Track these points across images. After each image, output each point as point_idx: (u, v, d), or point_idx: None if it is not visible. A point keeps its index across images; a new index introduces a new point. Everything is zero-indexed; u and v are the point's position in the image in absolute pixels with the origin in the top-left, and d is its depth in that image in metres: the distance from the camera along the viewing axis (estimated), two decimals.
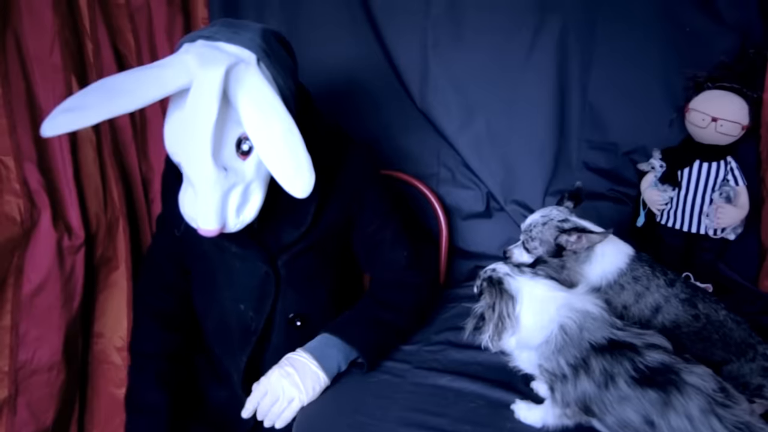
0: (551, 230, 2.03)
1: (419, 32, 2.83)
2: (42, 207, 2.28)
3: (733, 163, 2.55)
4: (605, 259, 2.03)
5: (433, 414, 1.89)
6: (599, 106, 2.83)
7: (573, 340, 1.68)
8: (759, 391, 1.94)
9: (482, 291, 1.74)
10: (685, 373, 1.58)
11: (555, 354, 1.69)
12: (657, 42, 2.72)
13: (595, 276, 2.04)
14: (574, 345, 1.68)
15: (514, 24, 2.76)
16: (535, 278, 1.78)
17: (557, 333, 1.69)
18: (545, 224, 2.04)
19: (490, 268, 1.78)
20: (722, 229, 2.59)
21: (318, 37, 2.88)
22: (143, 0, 2.66)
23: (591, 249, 2.01)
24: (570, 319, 1.70)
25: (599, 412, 1.66)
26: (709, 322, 2.01)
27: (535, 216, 2.09)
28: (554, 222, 2.04)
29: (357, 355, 2.08)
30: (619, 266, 2.03)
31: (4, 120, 2.21)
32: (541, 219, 2.06)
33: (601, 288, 2.03)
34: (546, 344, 1.70)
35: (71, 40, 2.39)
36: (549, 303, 1.74)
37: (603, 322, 1.72)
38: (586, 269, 2.04)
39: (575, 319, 1.70)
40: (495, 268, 1.78)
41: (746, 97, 2.50)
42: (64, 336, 2.39)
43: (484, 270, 1.79)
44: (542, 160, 2.87)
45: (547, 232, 2.03)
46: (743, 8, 2.60)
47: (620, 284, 2.03)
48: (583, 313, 1.72)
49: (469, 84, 2.85)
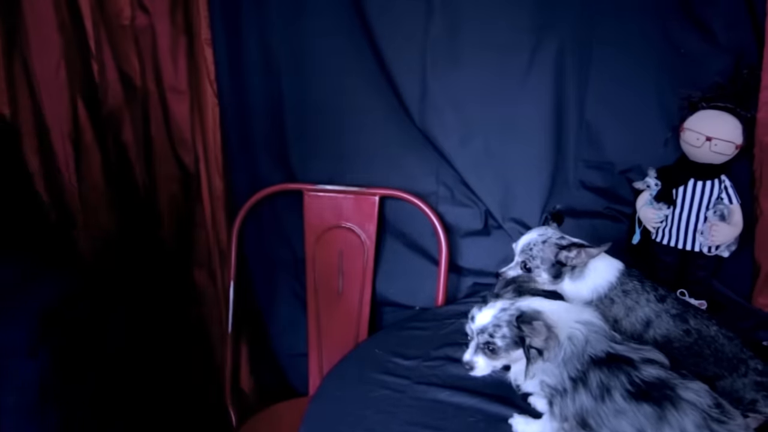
0: (551, 248, 2.04)
1: (418, 52, 2.84)
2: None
3: (727, 181, 2.55)
4: (596, 274, 2.05)
5: (432, 428, 1.90)
6: (595, 126, 2.84)
7: (577, 352, 1.69)
8: (753, 406, 1.94)
9: (520, 333, 1.71)
10: (681, 389, 1.58)
11: (560, 366, 1.70)
12: (652, 62, 2.73)
13: (587, 290, 2.05)
14: (578, 357, 1.69)
15: (511, 45, 2.77)
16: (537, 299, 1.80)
17: (567, 344, 1.70)
18: (545, 242, 2.05)
19: (522, 309, 1.73)
20: (716, 246, 2.59)
21: (319, 57, 2.90)
22: (147, 22, 2.68)
23: (584, 264, 2.03)
24: (578, 330, 1.71)
25: (596, 425, 1.67)
26: (700, 338, 2.02)
27: (532, 235, 2.09)
28: (553, 240, 2.05)
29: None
30: (610, 280, 2.05)
31: None
32: (539, 238, 2.07)
33: (592, 302, 2.04)
34: (554, 357, 1.71)
35: (77, 61, 2.41)
36: (564, 315, 1.75)
37: (604, 335, 1.73)
38: (579, 284, 2.06)
39: (582, 330, 1.71)
40: (526, 308, 1.74)
41: (740, 117, 2.51)
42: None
43: (510, 310, 1.72)
44: (539, 178, 2.88)
45: (548, 249, 2.04)
46: (737, 30, 2.61)
47: (611, 298, 2.05)
48: (588, 324, 1.73)
49: (468, 103, 2.85)
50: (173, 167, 2.87)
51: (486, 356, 1.73)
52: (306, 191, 2.94)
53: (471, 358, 1.75)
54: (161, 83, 2.77)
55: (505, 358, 1.74)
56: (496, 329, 1.70)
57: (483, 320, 1.73)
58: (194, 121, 2.85)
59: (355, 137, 2.95)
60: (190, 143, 2.86)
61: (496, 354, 1.72)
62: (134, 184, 2.74)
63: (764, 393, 1.97)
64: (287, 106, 2.96)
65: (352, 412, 2.00)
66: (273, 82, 2.94)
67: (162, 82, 2.77)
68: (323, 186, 2.94)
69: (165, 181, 2.88)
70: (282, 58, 2.91)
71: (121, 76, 2.61)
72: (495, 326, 1.70)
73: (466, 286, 2.99)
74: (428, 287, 2.98)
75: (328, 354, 3.00)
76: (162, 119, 2.81)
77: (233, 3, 2.85)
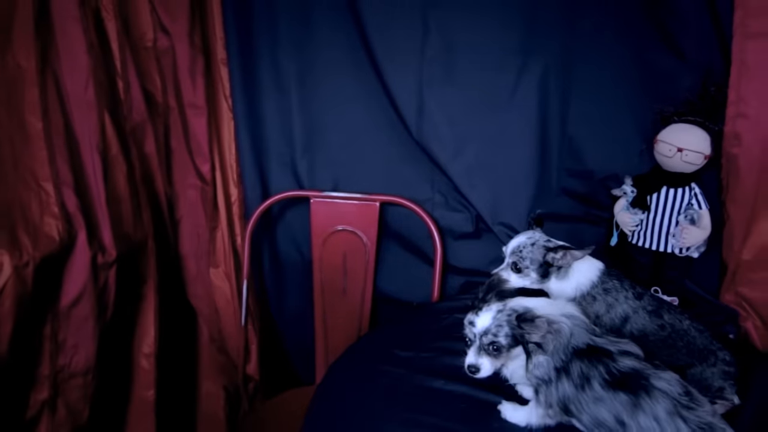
0: (540, 250, 2.05)
1: (416, 71, 2.84)
2: (78, 228, 2.29)
3: (697, 188, 2.56)
4: (580, 273, 2.07)
5: (428, 413, 1.91)
6: (576, 139, 2.84)
7: (563, 344, 1.70)
8: (720, 393, 1.95)
9: (520, 331, 1.71)
10: (654, 378, 1.59)
11: (548, 358, 1.71)
12: (628, 81, 2.73)
13: (571, 289, 2.07)
14: (563, 349, 1.70)
15: (500, 65, 2.78)
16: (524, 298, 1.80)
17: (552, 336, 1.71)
18: (533, 245, 2.06)
19: (516, 308, 1.74)
20: (687, 248, 2.59)
21: (324, 76, 2.91)
22: (168, 43, 2.68)
23: (569, 265, 2.05)
24: (564, 323, 1.72)
25: (576, 411, 1.68)
26: (674, 331, 2.03)
27: (521, 239, 2.10)
28: (541, 242, 2.07)
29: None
30: (592, 279, 2.07)
31: (45, 151, 2.22)
32: (528, 241, 2.08)
33: (576, 299, 2.06)
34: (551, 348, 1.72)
35: (104, 79, 2.41)
36: (549, 310, 1.76)
37: (585, 328, 1.73)
38: (564, 283, 2.08)
39: (567, 323, 1.72)
40: (518, 306, 1.74)
41: (708, 130, 2.51)
42: (97, 344, 2.40)
43: (507, 311, 1.73)
44: (526, 186, 2.88)
45: (537, 251, 2.05)
46: (706, 50, 2.61)
47: (592, 295, 2.07)
48: (572, 318, 1.74)
49: (461, 118, 2.86)
50: (192, 176, 2.88)
51: (490, 356, 1.73)
52: (312, 198, 2.95)
53: (476, 360, 1.74)
54: (181, 100, 2.78)
55: (505, 356, 1.74)
56: (499, 329, 1.70)
57: (484, 323, 1.73)
58: (211, 134, 2.86)
59: (357, 148, 2.95)
60: (208, 154, 2.87)
61: (499, 353, 1.72)
62: (156, 192, 2.74)
63: (731, 382, 1.98)
64: (295, 120, 2.97)
65: (354, 399, 2.00)
66: (283, 99, 2.95)
67: (182, 98, 2.78)
68: (328, 193, 2.95)
69: (184, 188, 2.88)
70: (291, 77, 2.92)
71: (145, 93, 2.61)
72: (497, 326, 1.71)
73: (459, 284, 2.99)
74: (424, 285, 2.99)
75: (332, 346, 3.00)
76: (182, 132, 2.82)
77: (247, 26, 2.86)
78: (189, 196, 2.90)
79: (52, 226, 2.21)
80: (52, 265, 2.21)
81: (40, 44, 2.22)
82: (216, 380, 3.10)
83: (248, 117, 2.95)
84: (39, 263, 2.13)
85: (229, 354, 3.12)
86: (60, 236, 2.22)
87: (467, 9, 2.73)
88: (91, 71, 2.35)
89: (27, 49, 2.19)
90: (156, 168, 2.70)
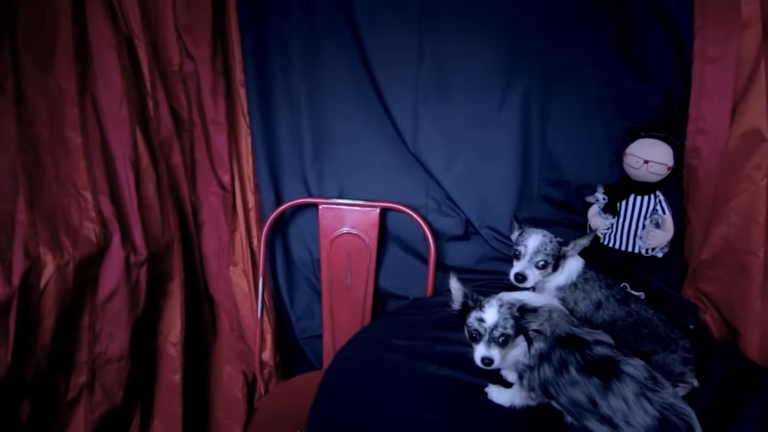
0: (555, 245, 2.11)
1: (411, 91, 2.85)
2: (113, 231, 2.30)
3: (661, 196, 2.56)
4: (570, 266, 2.15)
5: (423, 395, 1.91)
6: (555, 151, 2.84)
7: (549, 332, 1.71)
8: (681, 378, 1.96)
9: (523, 321, 1.71)
10: (623, 364, 1.60)
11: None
12: (600, 101, 2.74)
13: (562, 279, 2.14)
14: (547, 337, 1.71)
15: (487, 86, 2.78)
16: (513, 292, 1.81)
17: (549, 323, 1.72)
18: (551, 241, 2.11)
19: (512, 301, 1.74)
20: (652, 248, 2.60)
21: (331, 96, 2.90)
22: (193, 67, 2.68)
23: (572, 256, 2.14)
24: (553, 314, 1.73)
25: (555, 393, 1.68)
26: (639, 319, 2.06)
27: (539, 238, 2.12)
28: (555, 240, 2.13)
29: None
30: (578, 270, 2.14)
31: (83, 162, 2.23)
32: (545, 239, 2.11)
33: (565, 287, 2.15)
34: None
35: (136, 99, 2.42)
36: (536, 301, 1.77)
37: (566, 319, 1.74)
38: (558, 274, 2.15)
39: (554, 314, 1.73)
40: (513, 300, 1.75)
41: (671, 144, 2.52)
42: (130, 333, 2.40)
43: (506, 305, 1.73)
44: (509, 194, 2.88)
45: (555, 248, 2.11)
46: (669, 74, 2.62)
47: (575, 284, 2.14)
48: (556, 309, 1.75)
49: (452, 133, 2.86)
50: (214, 185, 2.87)
51: (499, 348, 1.71)
52: (320, 204, 2.94)
53: (488, 352, 1.71)
54: (204, 117, 2.78)
55: (510, 346, 1.73)
56: (506, 322, 1.69)
57: (492, 317, 1.71)
58: (231, 148, 2.86)
59: (360, 160, 2.95)
60: (228, 165, 2.87)
61: (507, 344, 1.70)
62: (182, 199, 2.74)
63: (690, 367, 1.99)
64: (305, 135, 2.97)
65: (358, 383, 2.01)
66: (294, 117, 2.95)
67: (205, 116, 2.78)
68: (334, 200, 2.95)
69: (207, 196, 2.88)
70: (301, 97, 2.91)
71: (172, 112, 2.61)
72: (504, 319, 1.69)
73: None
74: (420, 282, 2.98)
75: (338, 336, 3.00)
76: (205, 146, 2.82)
77: (262, 52, 2.86)
78: (211, 203, 2.90)
79: (90, 229, 2.22)
80: (90, 264, 2.22)
81: (79, 68, 2.23)
82: (235, 365, 3.10)
83: (263, 133, 2.95)
84: (78, 262, 2.14)
85: (247, 342, 3.12)
86: (97, 238, 2.23)
87: (457, 36, 2.74)
88: (124, 92, 2.36)
89: (68, 73, 2.20)
90: (182, 178, 2.71)
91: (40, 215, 2.05)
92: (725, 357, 2.24)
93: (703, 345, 2.20)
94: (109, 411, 2.37)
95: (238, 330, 3.10)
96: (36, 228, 2.02)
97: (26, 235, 1.97)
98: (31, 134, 2.07)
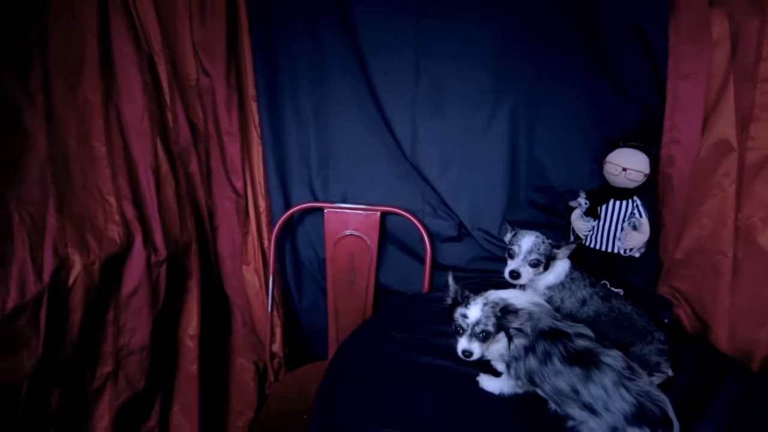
0: (548, 246, 2.12)
1: (410, 107, 2.85)
2: (135, 233, 2.30)
3: (639, 201, 2.56)
4: (558, 268, 2.14)
5: (420, 383, 1.92)
6: (540, 160, 2.85)
7: (532, 326, 1.72)
8: (657, 367, 1.97)
9: (503, 320, 1.73)
10: (603, 355, 1.61)
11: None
12: (582, 114, 2.75)
13: (551, 278, 2.14)
14: (532, 330, 1.71)
15: (479, 102, 2.78)
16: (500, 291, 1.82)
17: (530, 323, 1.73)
18: (543, 242, 2.12)
19: (496, 301, 1.77)
20: (630, 249, 2.61)
21: (335, 110, 2.90)
22: (209, 83, 2.69)
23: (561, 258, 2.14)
24: (533, 309, 1.74)
25: (540, 382, 1.69)
26: (620, 314, 2.06)
27: (533, 239, 2.13)
28: (547, 241, 2.13)
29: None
30: (566, 270, 2.14)
31: (108, 170, 2.23)
32: (539, 240, 2.12)
33: (554, 285, 2.15)
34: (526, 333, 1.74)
35: (156, 112, 2.42)
36: (521, 299, 1.77)
37: (549, 314, 1.75)
38: (548, 273, 2.15)
39: (536, 310, 1.74)
40: (497, 299, 1.78)
41: (648, 154, 2.53)
42: (151, 327, 2.41)
43: (490, 303, 1.76)
44: (499, 199, 2.88)
45: (547, 248, 2.12)
46: (646, 90, 2.62)
47: (563, 283, 2.14)
48: (539, 305, 1.76)
49: (446, 144, 2.86)
50: (228, 190, 2.88)
51: (480, 342, 1.74)
52: (326, 208, 2.95)
53: (469, 346, 1.75)
54: (219, 129, 2.78)
55: (491, 341, 1.76)
56: (488, 319, 1.72)
57: (475, 314, 1.74)
58: (243, 157, 2.87)
59: (362, 169, 2.95)
60: (241, 173, 2.87)
61: (487, 339, 1.73)
62: (198, 203, 2.74)
63: (665, 357, 2.00)
64: (312, 145, 2.97)
65: (359, 372, 2.01)
66: (301, 128, 2.95)
67: (219, 127, 2.78)
68: (339, 204, 2.95)
69: (221, 200, 2.88)
70: (308, 111, 2.91)
71: (189, 123, 2.61)
72: (486, 317, 1.72)
73: (445, 278, 2.98)
74: (417, 279, 2.99)
75: (342, 328, 3.00)
76: (219, 155, 2.82)
77: (272, 69, 2.86)
78: (225, 207, 2.91)
79: (114, 231, 2.22)
80: (114, 263, 2.23)
81: (104, 82, 2.24)
82: (247, 356, 3.10)
83: (273, 143, 2.95)
84: (104, 262, 2.15)
85: (258, 335, 3.12)
86: (120, 240, 2.23)
87: (451, 58, 2.74)
88: (145, 105, 2.36)
89: (94, 87, 2.21)
90: (199, 184, 2.71)
91: (69, 219, 2.06)
92: (697, 348, 2.25)
93: (677, 337, 2.20)
94: (132, 398, 2.37)
95: (250, 324, 3.11)
96: (65, 230, 2.03)
97: (56, 237, 1.98)
98: (60, 145, 2.08)
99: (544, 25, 2.68)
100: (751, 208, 2.33)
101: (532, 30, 2.69)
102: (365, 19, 2.74)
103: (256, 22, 2.79)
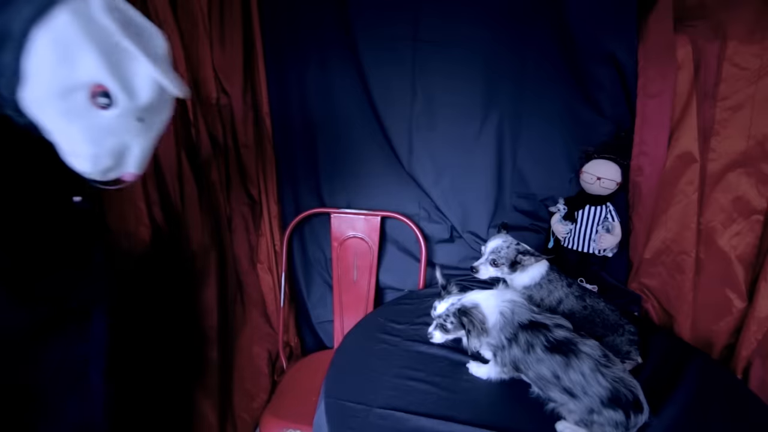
0: (513, 251, 2.07)
1: (407, 120, 2.85)
2: (163, 234, 2.31)
3: (611, 207, 2.57)
4: (534, 268, 2.08)
5: (415, 370, 1.91)
6: (524, 170, 2.84)
7: (508, 321, 1.71)
8: (628, 355, 1.96)
9: (464, 320, 1.75)
10: (581, 345, 1.60)
11: (498, 332, 1.72)
12: (562, 128, 2.74)
13: (528, 278, 2.08)
14: (510, 324, 1.71)
15: (468, 116, 2.78)
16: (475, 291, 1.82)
17: (500, 317, 1.72)
18: (508, 247, 2.07)
19: (461, 302, 1.79)
20: (604, 249, 2.61)
21: (341, 124, 2.90)
22: (227, 100, 2.69)
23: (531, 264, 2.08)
24: (506, 306, 1.73)
25: (524, 369, 1.69)
26: (593, 311, 2.04)
27: (498, 241, 2.10)
28: (513, 246, 2.08)
29: None
30: (542, 272, 2.08)
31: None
32: (504, 244, 2.08)
33: (530, 286, 2.09)
34: (493, 326, 1.73)
35: (181, 127, 2.42)
36: (492, 300, 1.77)
37: (526, 308, 1.74)
38: (523, 274, 2.09)
39: (509, 306, 1.73)
40: (462, 301, 1.79)
41: (620, 164, 2.53)
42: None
43: (456, 303, 1.79)
44: (487, 204, 2.88)
45: (511, 252, 2.06)
46: (618, 107, 2.62)
47: (540, 284, 2.07)
48: (512, 302, 1.75)
49: (440, 155, 2.86)
50: (244, 197, 2.88)
51: (441, 332, 1.82)
52: (332, 213, 2.95)
53: (431, 331, 1.85)
54: (237, 142, 2.78)
55: (453, 334, 1.82)
56: (447, 317, 1.78)
57: (440, 310, 1.80)
58: (258, 167, 2.87)
59: (364, 177, 2.95)
60: (256, 181, 2.87)
61: (447, 331, 1.80)
62: (218, 209, 2.74)
63: (635, 347, 1.99)
64: (320, 156, 2.97)
65: (362, 359, 2.00)
66: (310, 141, 2.95)
67: (237, 141, 2.78)
68: (343, 210, 2.95)
69: (238, 206, 2.88)
70: (316, 125, 2.92)
71: (210, 137, 2.61)
72: (446, 315, 1.78)
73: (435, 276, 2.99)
74: (413, 276, 2.99)
75: (346, 321, 3.00)
76: (236, 165, 2.82)
77: (284, 89, 2.86)
78: (242, 212, 2.90)
79: (145, 234, 2.22)
80: (144, 260, 2.23)
81: None
82: (262, 345, 3.09)
83: (285, 154, 2.95)
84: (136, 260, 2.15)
85: (272, 326, 3.12)
86: (150, 240, 2.24)
87: (444, 77, 2.74)
88: (172, 121, 2.36)
89: None
90: (218, 191, 2.71)
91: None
92: (663, 339, 2.24)
93: (646, 329, 2.21)
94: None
95: (264, 316, 3.10)
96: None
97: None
98: None
99: (527, 50, 2.68)
100: (711, 213, 2.34)
101: (516, 53, 2.69)
102: (367, 45, 2.74)
103: (269, 49, 2.80)
